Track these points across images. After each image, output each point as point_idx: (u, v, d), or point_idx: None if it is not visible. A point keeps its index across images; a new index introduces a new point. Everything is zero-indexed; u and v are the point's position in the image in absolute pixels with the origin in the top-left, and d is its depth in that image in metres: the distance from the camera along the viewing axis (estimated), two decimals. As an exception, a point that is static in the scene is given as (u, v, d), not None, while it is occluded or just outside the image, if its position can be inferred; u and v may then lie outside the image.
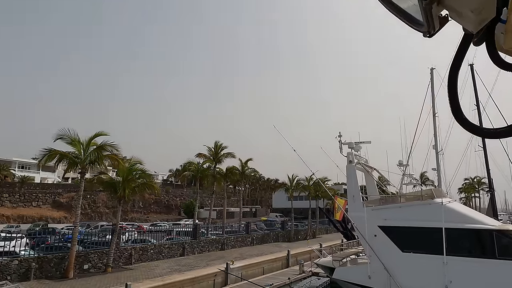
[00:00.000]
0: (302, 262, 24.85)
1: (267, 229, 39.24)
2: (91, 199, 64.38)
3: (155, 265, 21.77)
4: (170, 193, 77.27)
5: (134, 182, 20.48)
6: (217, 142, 37.18)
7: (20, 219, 53.44)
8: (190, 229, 29.33)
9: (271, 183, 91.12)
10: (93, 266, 19.87)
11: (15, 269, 16.72)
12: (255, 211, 79.21)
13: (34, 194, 60.85)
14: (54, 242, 21.05)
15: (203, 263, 22.81)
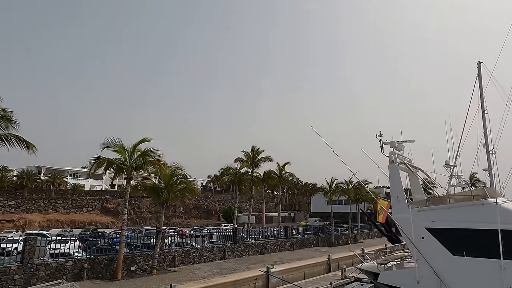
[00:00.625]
0: (344, 267, 24.19)
1: (307, 233, 38.74)
2: (136, 205, 67.33)
3: (197, 268, 22.26)
4: (210, 199, 78.85)
5: (176, 187, 21.15)
6: (254, 146, 37.53)
7: (72, 224, 57.12)
8: (230, 233, 29.69)
9: (309, 187, 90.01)
10: (140, 268, 20.73)
11: (69, 269, 17.86)
12: (293, 216, 78.53)
13: (85, 200, 64.84)
14: (103, 245, 22.25)
15: (244, 267, 22.95)
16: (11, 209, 56.86)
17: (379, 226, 25.94)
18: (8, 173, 68.39)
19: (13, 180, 63.62)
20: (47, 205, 60.10)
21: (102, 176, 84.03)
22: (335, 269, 26.48)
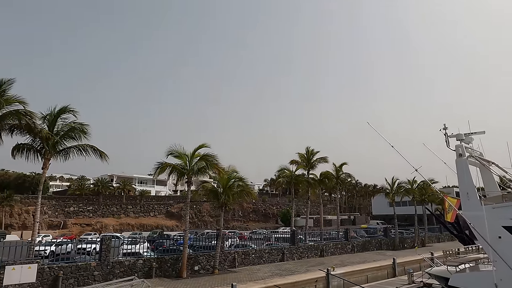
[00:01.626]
0: (411, 272, 22.73)
1: (368, 236, 37.14)
2: (197, 209, 70.33)
3: (257, 269, 22.56)
4: (267, 202, 79.48)
5: (233, 189, 21.76)
6: (309, 147, 37.07)
7: (141, 227, 61.44)
8: (288, 235, 29.63)
9: (369, 189, 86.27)
10: (202, 267, 21.63)
11: (140, 267, 19.28)
12: (353, 218, 75.78)
13: (151, 205, 69.40)
14: (169, 246, 23.66)
15: (303, 269, 22.74)
16: (89, 214, 62.94)
17: (449, 226, 23.98)
18: (86, 182, 75.93)
19: (90, 188, 70.39)
20: (119, 210, 65.46)
21: (166, 182, 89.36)
22: (401, 274, 25.02)
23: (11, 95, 18.24)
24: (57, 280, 16.43)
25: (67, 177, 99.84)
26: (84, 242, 23.73)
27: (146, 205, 69.16)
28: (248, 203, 74.19)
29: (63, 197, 68.13)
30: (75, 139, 19.76)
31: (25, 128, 18.21)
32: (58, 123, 19.49)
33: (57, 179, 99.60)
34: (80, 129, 19.43)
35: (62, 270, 16.79)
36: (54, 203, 61.81)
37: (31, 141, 19.37)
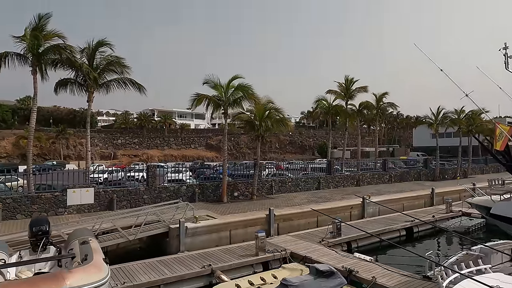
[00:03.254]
0: (450, 201, 22.54)
1: (407, 167, 36.63)
2: (235, 141, 72.50)
3: (293, 196, 23.50)
4: (303, 134, 79.74)
5: (270, 120, 21.80)
6: (348, 76, 35.28)
7: (183, 158, 65.11)
8: (324, 165, 30.00)
9: (411, 120, 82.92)
10: (241, 194, 22.90)
11: (184, 192, 20.79)
12: (392, 150, 74.42)
13: (191, 138, 72.49)
14: (210, 174, 25.05)
15: (339, 196, 23.33)
16: (135, 146, 67.35)
17: (497, 155, 22.81)
18: (129, 116, 79.86)
19: (134, 122, 74.24)
20: (162, 142, 69.24)
21: (204, 116, 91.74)
22: (439, 204, 24.94)
23: (50, 30, 18.58)
24: (112, 202, 18.27)
25: (112, 112, 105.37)
26: (133, 171, 25.73)
27: (187, 137, 72.35)
28: (285, 136, 75.00)
29: (110, 130, 72.83)
30: (116, 73, 20.25)
31: (67, 62, 18.82)
32: (97, 57, 19.88)
33: (104, 114, 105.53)
34: (118, 62, 19.76)
35: (116, 193, 18.57)
36: (103, 136, 66.43)
37: (74, 75, 20.15)
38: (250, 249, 13.79)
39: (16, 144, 55.60)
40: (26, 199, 16.53)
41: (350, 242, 16.13)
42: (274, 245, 14.33)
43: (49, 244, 5.19)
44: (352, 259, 13.19)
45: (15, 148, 56.12)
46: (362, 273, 11.59)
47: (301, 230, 17.45)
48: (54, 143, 59.88)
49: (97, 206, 17.92)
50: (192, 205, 16.96)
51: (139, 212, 15.03)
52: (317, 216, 19.22)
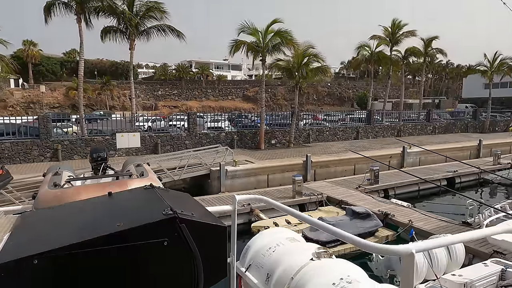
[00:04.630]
0: (499, 153, 21.41)
1: (453, 118, 34.69)
2: (272, 92, 71.84)
3: (330, 145, 23.46)
4: (343, 85, 77.07)
5: (309, 66, 21.24)
6: (395, 19, 32.56)
7: (221, 109, 66.07)
8: (364, 116, 29.24)
9: (462, 70, 76.67)
10: (279, 142, 23.24)
11: (223, 139, 21.47)
12: (438, 102, 70.06)
13: (228, 89, 72.75)
14: (247, 123, 25.46)
15: (377, 146, 22.96)
16: (175, 97, 69.10)
17: None
18: (168, 68, 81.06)
19: (173, 73, 75.41)
20: (200, 94, 70.31)
21: (240, 67, 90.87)
22: (486, 156, 23.80)
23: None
24: (157, 146, 19.39)
25: (151, 65, 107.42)
26: (174, 120, 26.75)
27: (224, 89, 72.73)
28: (323, 87, 73.00)
29: (151, 82, 74.79)
30: (155, 19, 20.38)
31: (108, 9, 19.14)
32: (136, 3, 19.98)
33: (143, 66, 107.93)
34: (157, 8, 19.77)
35: (160, 138, 19.63)
36: (144, 88, 68.58)
37: (116, 23, 20.56)
38: (287, 193, 14.31)
39: (66, 95, 59.21)
40: (81, 141, 18.03)
41: (387, 189, 16.14)
42: (310, 190, 14.74)
43: (107, 168, 5.71)
44: (388, 204, 13.31)
45: (65, 99, 59.90)
46: (399, 217, 11.74)
47: (338, 177, 17.66)
48: (100, 94, 62.97)
49: (144, 149, 19.14)
50: (231, 150, 17.59)
51: (182, 155, 15.91)
52: (354, 164, 19.27)
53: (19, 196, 11.51)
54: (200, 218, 1.41)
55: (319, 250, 2.11)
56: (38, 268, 1.09)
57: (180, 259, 1.31)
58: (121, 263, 1.23)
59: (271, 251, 2.25)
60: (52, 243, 1.16)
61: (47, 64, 68.49)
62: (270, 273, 2.12)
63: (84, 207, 1.66)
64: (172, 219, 1.31)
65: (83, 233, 1.24)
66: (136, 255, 1.25)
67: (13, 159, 16.66)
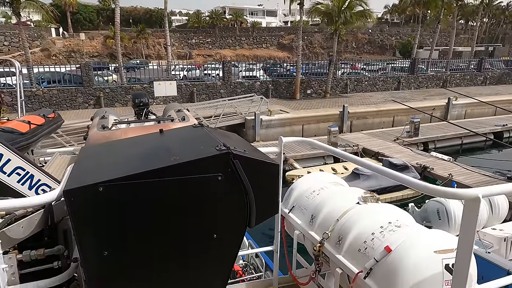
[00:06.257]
0: (558, 107, 19.60)
1: (508, 68, 31.66)
2: (308, 40, 68.62)
3: (369, 95, 22.51)
4: (385, 32, 71.78)
5: (350, 10, 19.80)
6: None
7: (255, 58, 64.62)
8: (407, 65, 27.39)
9: (525, 13, 68.26)
10: (314, 91, 22.62)
11: (258, 88, 21.23)
12: (492, 50, 63.67)
13: (263, 37, 70.32)
14: (282, 72, 24.82)
15: (420, 97, 21.76)
16: (208, 46, 68.16)
17: None
18: (201, 15, 79.10)
19: (206, 21, 73.66)
20: (234, 42, 68.72)
21: (276, 13, 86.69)
22: (542, 109, 21.86)
23: None
24: (192, 94, 19.61)
25: (184, 12, 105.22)
26: (209, 69, 26.61)
27: (258, 36, 70.41)
28: (363, 33, 68.53)
29: (184, 30, 73.84)
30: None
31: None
32: None
33: (177, 14, 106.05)
34: None
35: (195, 87, 19.77)
36: (178, 36, 67.95)
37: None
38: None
39: (104, 43, 60.20)
40: (121, 89, 18.60)
41: (428, 142, 15.55)
42: (346, 141, 14.53)
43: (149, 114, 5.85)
44: (428, 157, 12.91)
45: (103, 48, 61.01)
46: (438, 170, 11.43)
47: (376, 129, 17.16)
48: (136, 42, 63.34)
49: (180, 98, 19.46)
50: (266, 100, 17.43)
51: (218, 104, 16.03)
52: (393, 115, 18.54)
53: (68, 140, 12.35)
54: (253, 155, 1.40)
55: (365, 195, 2.08)
56: (103, 196, 1.15)
57: (234, 194, 1.34)
58: (178, 195, 1.27)
59: (315, 194, 2.25)
60: (115, 173, 1.22)
61: (84, 13, 69.18)
62: (314, 215, 2.15)
63: (138, 143, 1.71)
64: (226, 154, 1.31)
65: (142, 164, 1.28)
66: (192, 188, 1.28)
67: (60, 105, 17.64)
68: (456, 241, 1.67)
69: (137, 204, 1.23)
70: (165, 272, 1.32)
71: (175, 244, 1.30)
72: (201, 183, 1.29)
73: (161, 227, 1.26)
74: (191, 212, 1.31)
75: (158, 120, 5.06)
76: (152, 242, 1.26)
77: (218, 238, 1.35)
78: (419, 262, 1.57)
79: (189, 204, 1.30)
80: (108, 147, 1.78)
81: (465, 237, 1.25)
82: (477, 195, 1.20)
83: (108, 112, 5.35)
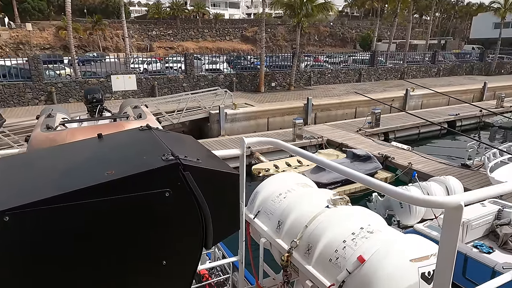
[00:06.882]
0: (503, 96, 21.07)
1: (458, 60, 33.58)
2: (271, 32, 68.68)
3: (332, 88, 22.91)
4: (345, 25, 73.54)
5: (313, 2, 19.89)
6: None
7: (219, 51, 63.68)
8: (367, 57, 28.18)
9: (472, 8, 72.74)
10: (279, 84, 22.63)
11: (222, 81, 20.85)
12: (444, 43, 67.24)
13: (226, 29, 69.41)
14: (246, 65, 24.57)
15: (380, 89, 22.47)
16: (170, 38, 66.15)
17: None
18: (162, 5, 76.49)
19: (167, 11, 71.37)
20: (196, 34, 67.21)
21: (238, 4, 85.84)
22: (489, 99, 23.44)
23: None
24: (153, 88, 18.86)
25: (144, 2, 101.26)
26: (170, 62, 25.74)
27: (221, 29, 69.45)
28: (325, 26, 69.71)
29: (144, 21, 71.12)
30: None
31: None
32: None
33: (135, 4, 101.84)
34: None
35: (156, 80, 19.01)
36: (137, 27, 65.32)
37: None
38: (287, 136, 14.21)
39: (56, 35, 56.48)
40: (75, 84, 17.47)
41: (388, 132, 16.08)
42: (311, 133, 14.65)
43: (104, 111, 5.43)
44: (388, 147, 13.33)
45: (56, 40, 57.25)
46: (398, 159, 11.81)
47: (339, 120, 17.49)
48: (92, 34, 60.03)
49: (140, 92, 18.64)
50: (230, 93, 17.14)
51: (180, 98, 15.51)
52: (355, 107, 19.00)
53: (17, 139, 11.38)
54: (207, 164, 1.19)
55: (335, 197, 1.94)
56: (9, 227, 0.88)
57: (186, 213, 1.12)
58: (111, 220, 1.02)
59: (281, 198, 2.09)
60: (27, 196, 0.95)
61: (33, 1, 64.36)
62: (281, 221, 1.98)
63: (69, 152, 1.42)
64: (174, 165, 1.08)
65: (65, 183, 1.02)
66: (132, 209, 1.04)
67: (7, 102, 16.25)
68: (430, 246, 1.57)
69: (59, 235, 0.96)
70: None
71: (110, 279, 1.05)
72: (143, 203, 1.05)
73: (90, 261, 1.01)
74: (132, 238, 1.07)
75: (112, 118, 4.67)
76: (80, 280, 1.00)
77: (168, 265, 1.12)
78: (394, 273, 1.45)
79: (128, 229, 1.06)
80: (29, 158, 1.48)
81: (446, 248, 1.13)
82: (459, 203, 1.08)
83: (55, 110, 4.86)
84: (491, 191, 1.21)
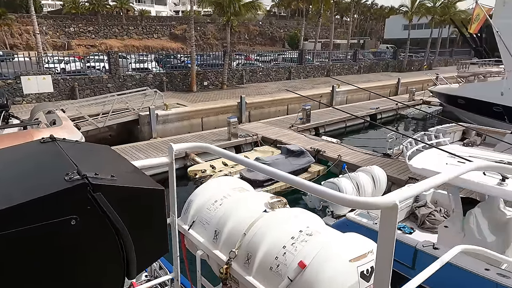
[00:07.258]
0: (414, 90, 23.52)
1: (376, 58, 36.73)
2: (201, 31, 67.70)
3: (264, 85, 23.34)
4: (274, 25, 75.63)
5: (240, 1, 19.96)
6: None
7: (146, 49, 60.76)
8: (296, 56, 29.30)
9: (385, 10, 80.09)
10: (211, 83, 22.34)
11: (151, 81, 19.89)
12: (363, 42, 73.17)
13: (153, 26, 66.51)
14: (177, 64, 23.81)
15: (309, 86, 23.50)
16: (91, 35, 61.26)
17: (469, 39, 23.82)
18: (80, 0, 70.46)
19: (86, 7, 66.02)
20: (121, 31, 63.24)
21: (165, 1, 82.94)
22: (403, 93, 26.01)
23: None
24: (74, 90, 17.23)
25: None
26: (92, 61, 23.79)
27: (148, 26, 66.39)
28: (254, 25, 70.88)
29: (59, 16, 64.88)
30: None
31: None
32: None
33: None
34: None
35: (76, 81, 17.40)
36: (52, 23, 59.27)
37: None
38: (222, 135, 14.09)
39: (-51, 30, 48.66)
40: (-24, 87, 15.15)
41: (318, 127, 16.88)
42: (245, 131, 14.71)
43: (10, 118, 4.74)
44: (319, 141, 13.98)
45: (-51, 36, 49.34)
46: (329, 153, 12.44)
47: (272, 117, 17.86)
48: (-5, 30, 52.93)
49: (58, 95, 16.88)
50: (161, 93, 16.42)
51: (105, 99, 14.40)
52: (287, 104, 19.59)
53: None
54: (125, 181, 1.01)
55: (272, 200, 1.87)
56: None
57: (100, 241, 0.93)
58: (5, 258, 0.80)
59: (217, 205, 1.96)
60: None
61: None
62: (218, 230, 1.85)
63: None
64: (79, 186, 0.89)
65: None
66: (30, 244, 0.83)
67: None
68: (367, 243, 1.58)
69: None
70: None
71: None
72: (42, 236, 0.84)
73: None
74: (32, 279, 0.85)
75: (19, 126, 4.07)
76: None
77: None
78: (335, 275, 1.42)
79: (26, 268, 0.84)
80: None
81: (384, 247, 1.12)
82: (394, 202, 1.07)
83: None
84: (420, 186, 1.23)
